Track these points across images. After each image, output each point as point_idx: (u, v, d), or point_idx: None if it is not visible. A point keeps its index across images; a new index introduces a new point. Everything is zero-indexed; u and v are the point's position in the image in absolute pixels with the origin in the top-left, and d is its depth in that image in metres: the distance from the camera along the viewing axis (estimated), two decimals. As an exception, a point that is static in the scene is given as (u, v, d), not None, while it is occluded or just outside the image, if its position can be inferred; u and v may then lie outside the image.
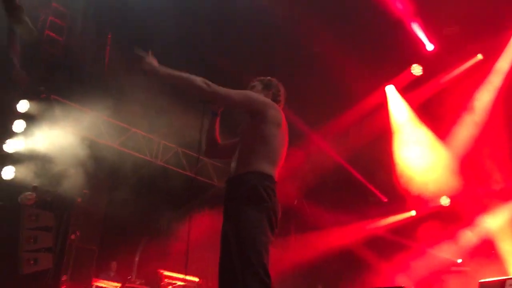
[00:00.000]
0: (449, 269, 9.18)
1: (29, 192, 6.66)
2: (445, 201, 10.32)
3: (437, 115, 9.21)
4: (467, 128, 9.19)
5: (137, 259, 9.63)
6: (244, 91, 3.14)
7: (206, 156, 3.55)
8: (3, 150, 6.90)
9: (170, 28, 7.19)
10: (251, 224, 2.70)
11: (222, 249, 2.91)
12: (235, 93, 3.02)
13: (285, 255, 10.35)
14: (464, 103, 9.11)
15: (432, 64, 8.78)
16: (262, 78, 3.42)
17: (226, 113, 3.51)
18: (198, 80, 2.90)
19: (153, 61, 2.95)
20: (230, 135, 3.49)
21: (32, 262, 6.63)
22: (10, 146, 6.93)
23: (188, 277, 8.37)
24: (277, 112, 3.10)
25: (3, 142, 6.92)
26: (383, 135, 9.88)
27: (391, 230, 10.69)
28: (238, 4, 7.19)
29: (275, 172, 2.97)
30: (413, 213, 10.90)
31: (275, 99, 3.29)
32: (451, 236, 9.84)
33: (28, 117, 7.17)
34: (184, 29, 7.27)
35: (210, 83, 2.91)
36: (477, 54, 8.77)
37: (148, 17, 7.09)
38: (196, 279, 8.66)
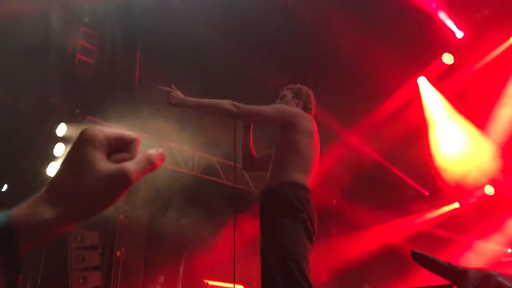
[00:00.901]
0: (499, 260, 8.91)
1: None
2: (489, 190, 10.04)
3: (473, 103, 8.98)
4: (505, 114, 8.93)
5: (181, 270, 9.74)
6: (274, 106, 3.15)
7: (244, 170, 3.59)
8: (47, 174, 7.11)
9: (194, 38, 7.29)
10: (288, 236, 2.70)
11: (262, 261, 2.92)
12: (265, 110, 3.03)
13: (328, 257, 10.26)
14: (500, 88, 8.85)
15: (464, 52, 8.58)
16: (292, 86, 3.40)
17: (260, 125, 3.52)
18: (226, 103, 2.93)
19: (179, 94, 3.02)
20: (267, 146, 3.51)
21: (81, 281, 6.80)
22: (53, 169, 7.14)
23: (236, 286, 8.40)
24: (309, 122, 3.10)
25: (47, 166, 7.13)
26: (418, 127, 9.70)
27: (436, 224, 10.45)
28: (262, 7, 7.21)
29: (308, 180, 2.96)
30: (456, 205, 10.64)
31: (306, 107, 3.28)
32: (498, 226, 9.56)
33: (67, 140, 7.37)
34: (209, 38, 7.34)
35: (238, 104, 2.94)
36: (510, 37, 8.52)
37: (172, 29, 7.20)
38: (241, 287, 8.69)
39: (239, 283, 8.66)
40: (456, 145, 9.56)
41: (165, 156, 0.67)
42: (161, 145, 9.00)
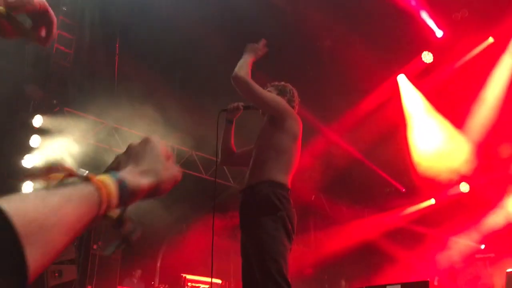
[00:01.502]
0: (473, 256, 9.09)
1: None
2: (464, 187, 10.22)
3: (451, 102, 9.11)
4: (482, 113, 9.08)
5: (159, 264, 9.68)
6: (273, 95, 3.17)
7: (223, 164, 3.57)
8: (22, 166, 6.97)
9: (176, 32, 7.20)
10: (268, 235, 2.70)
11: (242, 259, 2.93)
12: (264, 92, 3.06)
13: (306, 252, 10.33)
14: (478, 88, 9.00)
15: (443, 51, 8.68)
16: (276, 83, 3.40)
17: (240, 121, 3.52)
18: (244, 71, 3.05)
19: (255, 50, 3.27)
20: (245, 143, 3.50)
21: (56, 274, 6.69)
22: (28, 161, 7.00)
23: (214, 280, 8.39)
24: (297, 124, 3.10)
25: (22, 158, 6.98)
26: (397, 124, 9.80)
27: (412, 220, 10.61)
28: (245, 2, 7.16)
29: (288, 180, 2.96)
30: (432, 201, 10.81)
31: (290, 105, 3.28)
32: (473, 222, 9.74)
33: (43, 131, 7.23)
34: (190, 31, 7.26)
35: (247, 77, 3.02)
36: (488, 37, 8.65)
37: (154, 21, 7.10)
38: (219, 281, 8.68)
39: (217, 277, 8.65)
40: (433, 142, 9.69)
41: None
42: (138, 137, 8.91)
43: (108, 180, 0.72)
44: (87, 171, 0.73)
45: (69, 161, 7.22)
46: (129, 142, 0.88)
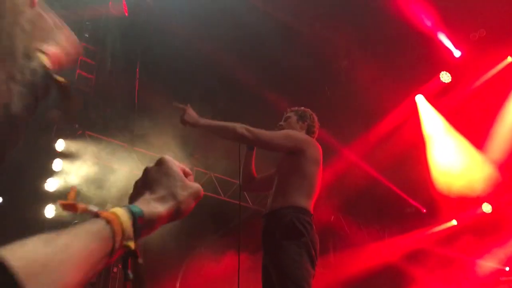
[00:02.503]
0: (498, 278, 8.88)
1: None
2: (486, 208, 10.04)
3: (470, 121, 9.03)
4: (502, 132, 8.98)
5: (178, 286, 9.66)
6: (285, 132, 3.17)
7: (243, 190, 3.58)
8: (44, 189, 7.08)
9: (196, 54, 7.32)
10: (291, 260, 2.70)
11: (263, 282, 2.92)
12: (276, 137, 3.05)
13: (325, 274, 10.20)
14: (497, 107, 8.91)
15: (461, 71, 8.65)
16: (296, 108, 3.44)
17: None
18: (238, 127, 2.94)
19: (192, 113, 3.04)
20: (266, 168, 3.52)
21: None
22: (51, 185, 7.11)
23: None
24: (317, 150, 3.12)
25: (45, 181, 7.11)
26: (416, 144, 9.72)
27: (433, 241, 10.43)
28: (263, 23, 7.26)
29: (311, 205, 2.97)
30: (454, 222, 10.63)
31: (310, 130, 3.31)
32: (496, 244, 9.54)
33: (65, 155, 7.36)
34: (208, 55, 7.38)
35: (251, 129, 2.95)
36: (507, 56, 8.60)
37: (173, 44, 7.24)
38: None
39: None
40: (453, 162, 9.58)
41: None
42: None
43: (120, 212, 0.73)
44: (97, 208, 0.74)
45: (89, 186, 7.32)
46: (147, 164, 0.90)
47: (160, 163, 0.89)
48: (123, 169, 8.22)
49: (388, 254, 10.25)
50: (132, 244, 0.74)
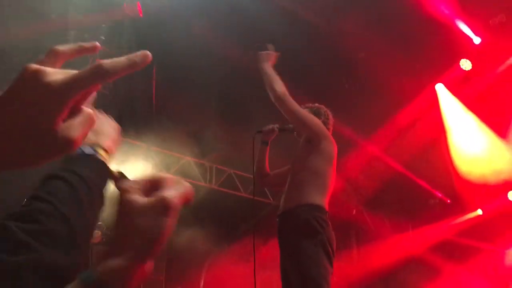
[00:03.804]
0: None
1: (96, 230, 6.87)
2: (512, 196, 9.85)
3: (492, 109, 8.86)
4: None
5: (202, 285, 9.72)
6: (312, 116, 3.18)
7: (257, 186, 3.60)
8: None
9: (212, 54, 7.32)
10: (309, 259, 2.70)
11: (283, 282, 2.91)
12: (304, 113, 3.07)
13: (349, 268, 10.13)
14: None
15: (482, 57, 8.46)
16: (310, 105, 3.42)
17: (276, 142, 3.54)
18: (280, 84, 3.06)
19: (267, 56, 3.23)
20: (280, 164, 3.52)
21: None
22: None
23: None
24: (332, 146, 3.11)
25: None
26: (437, 134, 9.58)
27: (459, 232, 10.27)
28: (277, 20, 7.21)
29: (325, 202, 2.95)
30: (479, 212, 10.45)
31: (325, 127, 3.28)
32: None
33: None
34: (226, 54, 7.37)
35: (286, 94, 3.03)
36: (529, 40, 8.39)
37: (190, 45, 7.25)
38: (263, 300, 8.61)
39: (260, 296, 8.58)
40: (476, 151, 9.41)
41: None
42: (179, 159, 9.05)
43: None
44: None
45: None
46: (168, 164, 0.82)
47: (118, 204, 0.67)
48: (141, 168, 8.28)
49: (413, 247, 10.13)
50: None
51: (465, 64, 8.74)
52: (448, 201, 10.78)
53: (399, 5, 7.34)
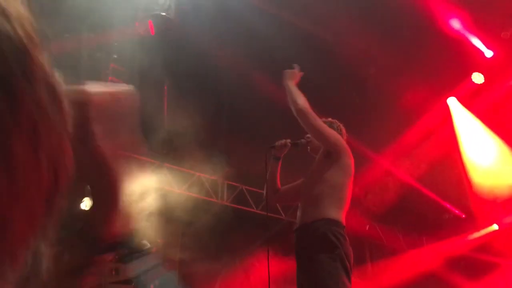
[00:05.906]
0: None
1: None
2: (528, 210, 9.69)
3: (506, 122, 8.77)
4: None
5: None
6: (332, 131, 3.19)
7: (269, 202, 3.57)
8: (80, 208, 7.20)
9: (225, 70, 7.37)
10: (327, 273, 2.66)
11: None
12: (325, 127, 3.09)
13: (363, 284, 10.01)
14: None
15: (494, 71, 8.41)
16: (323, 119, 3.41)
17: (287, 158, 3.52)
18: (302, 99, 3.11)
19: (292, 73, 3.32)
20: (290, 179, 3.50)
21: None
22: (86, 203, 7.23)
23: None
24: (350, 160, 3.11)
25: (81, 201, 7.23)
26: (450, 148, 9.50)
27: (475, 248, 10.11)
28: (287, 35, 7.24)
29: (343, 216, 2.92)
30: (495, 227, 10.29)
31: None
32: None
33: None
34: (238, 68, 7.41)
35: (308, 108, 3.08)
36: (541, 53, 8.32)
37: (200, 59, 7.31)
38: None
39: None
40: (490, 164, 9.30)
41: None
42: (191, 176, 9.06)
43: None
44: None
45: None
46: (180, 181, 0.74)
47: None
48: (154, 186, 8.29)
49: (428, 262, 9.98)
50: None
51: (477, 78, 8.68)
52: (463, 216, 10.64)
53: (410, 20, 7.35)
